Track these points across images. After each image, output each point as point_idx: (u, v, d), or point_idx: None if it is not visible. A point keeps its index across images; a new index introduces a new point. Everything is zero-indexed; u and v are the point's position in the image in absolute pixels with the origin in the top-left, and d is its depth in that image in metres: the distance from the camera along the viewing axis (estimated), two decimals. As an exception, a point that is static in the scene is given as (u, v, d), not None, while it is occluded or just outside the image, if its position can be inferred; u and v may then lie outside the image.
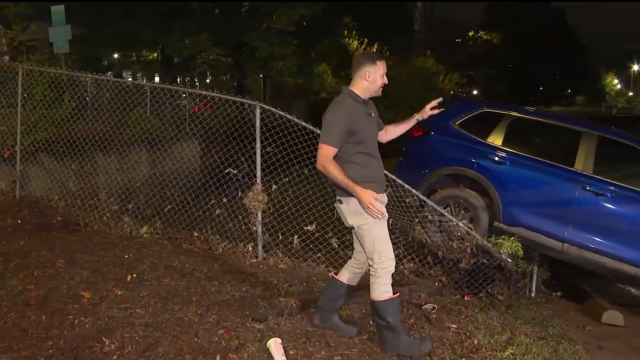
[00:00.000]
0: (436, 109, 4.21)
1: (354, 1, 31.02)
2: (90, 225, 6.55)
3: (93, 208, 6.82)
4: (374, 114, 3.91)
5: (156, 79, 28.19)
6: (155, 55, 29.15)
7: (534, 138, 6.67)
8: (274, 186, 6.30)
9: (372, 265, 3.78)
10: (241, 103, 6.53)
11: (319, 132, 5.77)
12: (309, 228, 6.17)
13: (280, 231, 6.26)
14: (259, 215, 6.06)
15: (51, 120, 7.58)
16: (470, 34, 61.19)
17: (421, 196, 5.95)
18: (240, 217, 6.30)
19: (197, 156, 8.71)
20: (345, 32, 31.81)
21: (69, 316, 3.97)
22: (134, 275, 4.95)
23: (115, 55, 28.79)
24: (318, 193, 6.32)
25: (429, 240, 6.04)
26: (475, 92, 52.96)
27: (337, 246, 6.17)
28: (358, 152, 3.75)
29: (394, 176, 5.78)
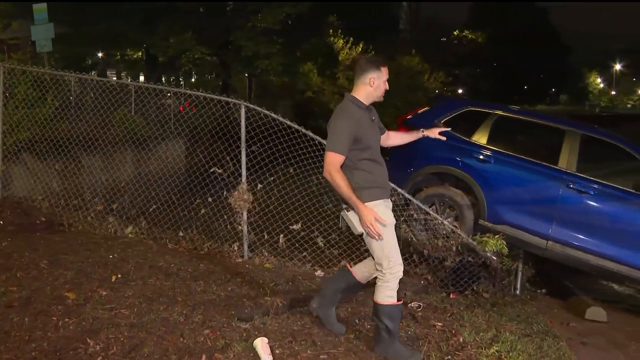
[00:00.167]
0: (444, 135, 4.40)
1: (339, 0, 31.06)
2: (75, 226, 6.50)
3: (77, 208, 6.76)
4: (375, 119, 3.90)
5: (141, 78, 28.02)
6: (139, 54, 28.98)
7: (519, 136, 6.71)
8: (259, 185, 6.29)
9: (381, 270, 3.77)
10: (226, 102, 6.50)
11: (304, 131, 5.84)
12: (295, 227, 6.17)
13: (266, 230, 6.25)
14: (245, 214, 6.05)
15: (34, 119, 7.50)
16: (455, 33, 61.46)
17: (406, 195, 5.96)
18: (225, 217, 6.28)
19: (182, 155, 8.67)
20: (330, 31, 31.79)
21: (53, 317, 3.94)
22: (119, 276, 4.91)
23: (100, 54, 28.56)
24: (303, 192, 6.32)
25: (414, 239, 6.07)
26: (460, 91, 53.21)
27: (323, 245, 6.17)
28: (363, 159, 3.74)
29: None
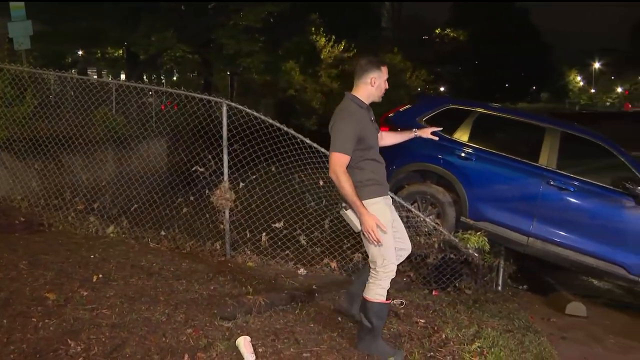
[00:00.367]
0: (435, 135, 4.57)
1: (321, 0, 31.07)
2: (55, 226, 6.43)
3: (57, 208, 6.69)
4: (373, 119, 3.93)
5: (122, 77, 27.79)
6: (120, 52, 28.72)
7: (500, 134, 6.76)
8: (241, 184, 6.28)
9: (374, 268, 3.79)
10: (208, 101, 6.48)
11: (286, 130, 5.84)
12: (277, 225, 6.17)
13: (248, 229, 6.24)
14: (227, 213, 6.03)
15: (12, 118, 7.41)
16: (437, 32, 61.80)
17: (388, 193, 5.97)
18: (207, 215, 6.26)
19: (164, 154, 8.61)
20: (312, 29, 31.80)
21: (33, 319, 3.88)
22: (100, 276, 4.86)
23: (80, 52, 28.24)
24: (285, 190, 6.31)
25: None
26: (442, 89, 53.57)
27: (305, 243, 6.18)
28: (366, 159, 3.77)
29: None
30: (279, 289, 5.05)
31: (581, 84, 77.67)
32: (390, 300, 3.89)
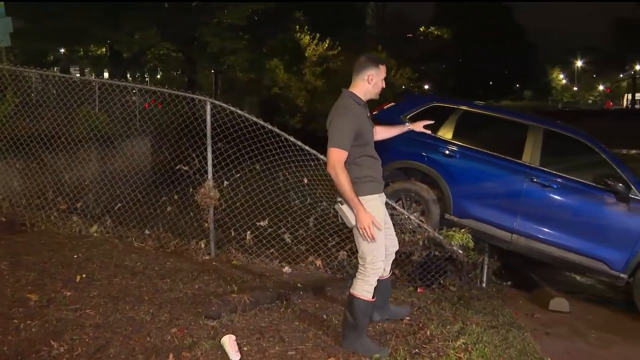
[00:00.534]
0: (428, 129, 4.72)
1: (305, -1, 31.04)
2: (37, 226, 6.37)
3: (40, 208, 6.63)
4: (369, 116, 3.97)
5: (105, 75, 27.55)
6: (103, 50, 28.46)
7: (483, 132, 6.78)
8: (225, 182, 6.25)
9: (363, 264, 3.83)
10: (192, 99, 6.45)
11: (270, 128, 5.82)
12: (262, 224, 6.15)
13: (233, 227, 6.22)
14: (211, 211, 6.01)
15: (-7, 117, 7.32)
16: (421, 30, 61.98)
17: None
18: (192, 214, 6.24)
19: (148, 153, 8.55)
20: (297, 27, 31.75)
21: (14, 320, 3.84)
22: (84, 276, 4.83)
23: (62, 50, 27.94)
24: (270, 189, 6.30)
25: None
26: (426, 87, 53.73)
27: (290, 241, 6.17)
28: (363, 155, 3.83)
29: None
30: (264, 287, 5.04)
31: (564, 82, 78.40)
32: (374, 299, 3.91)
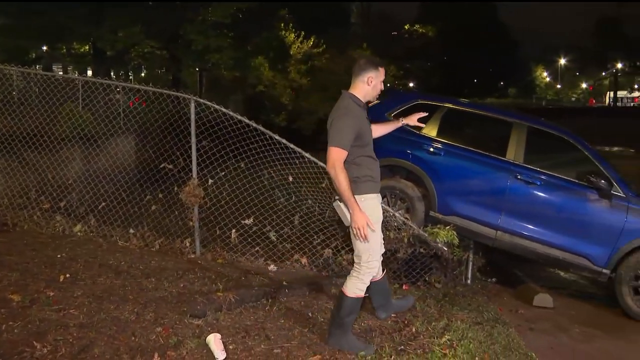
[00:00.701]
0: (422, 122, 4.68)
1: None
2: (20, 225, 6.31)
3: (22, 207, 6.57)
4: (368, 117, 4.02)
5: (89, 73, 27.32)
6: (87, 48, 28.22)
7: (468, 129, 6.82)
8: (210, 180, 6.23)
9: (359, 262, 3.88)
10: (176, 97, 6.41)
11: (255, 126, 5.81)
12: (247, 222, 6.14)
13: (218, 226, 6.20)
14: (196, 210, 5.99)
15: (-27, 115, 7.23)
16: (406, 27, 62.10)
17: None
18: (176, 213, 6.22)
19: (132, 151, 8.50)
20: (282, 25, 31.71)
21: (-4, 321, 3.81)
22: (67, 275, 4.79)
23: (44, 48, 27.65)
24: (255, 187, 6.28)
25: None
26: (411, 84, 53.85)
27: (275, 239, 6.17)
28: (362, 155, 3.87)
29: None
30: (249, 286, 5.04)
31: (547, 79, 78.93)
32: (364, 295, 3.95)
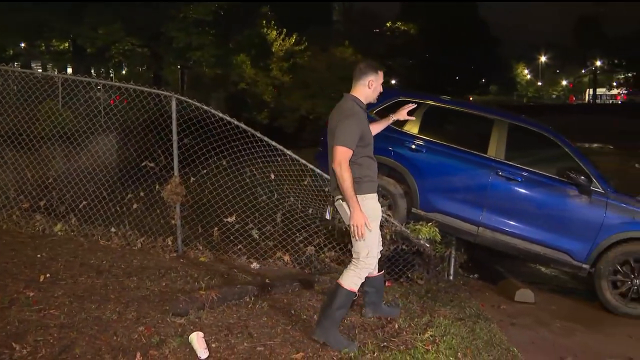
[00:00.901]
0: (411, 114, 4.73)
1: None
2: (-2, 225, 6.23)
3: (1, 207, 6.49)
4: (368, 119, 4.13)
5: (69, 71, 27.04)
6: (66, 45, 27.92)
7: (449, 126, 6.86)
8: (192, 178, 6.20)
9: (357, 258, 3.98)
10: (157, 95, 6.37)
11: (237, 123, 5.79)
12: (229, 220, 6.13)
13: (200, 224, 6.18)
14: (178, 208, 5.96)
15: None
16: (387, 25, 62.18)
17: None
18: (158, 211, 6.18)
19: (113, 150, 8.43)
20: (263, 22, 31.61)
21: (-26, 323, 3.76)
22: (48, 275, 4.75)
23: (22, 45, 27.28)
24: (237, 184, 6.27)
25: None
26: (393, 82, 53.92)
27: (258, 237, 6.16)
28: (363, 156, 3.98)
29: (312, 166, 5.83)
30: (231, 284, 5.02)
31: (528, 77, 79.57)
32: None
